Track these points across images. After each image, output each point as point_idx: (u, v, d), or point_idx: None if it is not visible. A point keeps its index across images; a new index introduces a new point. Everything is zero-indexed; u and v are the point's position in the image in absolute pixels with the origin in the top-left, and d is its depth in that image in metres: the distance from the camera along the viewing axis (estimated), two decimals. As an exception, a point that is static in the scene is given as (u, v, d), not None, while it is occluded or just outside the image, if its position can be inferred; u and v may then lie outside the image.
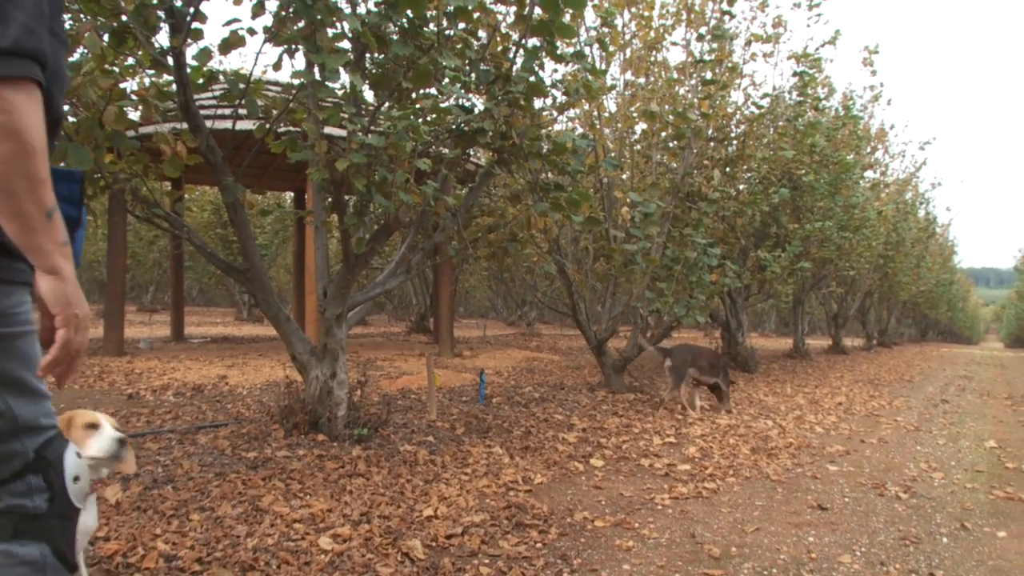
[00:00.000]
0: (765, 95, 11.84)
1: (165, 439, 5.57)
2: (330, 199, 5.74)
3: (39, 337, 1.64)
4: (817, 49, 12.61)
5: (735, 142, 11.72)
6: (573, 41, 7.33)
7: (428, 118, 5.31)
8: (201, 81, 4.92)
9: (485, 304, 36.77)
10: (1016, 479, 5.67)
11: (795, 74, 12.29)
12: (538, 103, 6.17)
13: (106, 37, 4.53)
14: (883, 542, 4.03)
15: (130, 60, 4.94)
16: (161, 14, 4.52)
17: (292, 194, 18.69)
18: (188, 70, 4.72)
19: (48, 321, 1.58)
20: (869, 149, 20.08)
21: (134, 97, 4.90)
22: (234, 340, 15.26)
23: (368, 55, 5.18)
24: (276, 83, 7.98)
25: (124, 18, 4.44)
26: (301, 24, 4.54)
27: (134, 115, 5.07)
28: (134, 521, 3.69)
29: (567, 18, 5.80)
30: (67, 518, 1.71)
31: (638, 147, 10.11)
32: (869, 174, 20.26)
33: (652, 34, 9.98)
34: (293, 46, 4.74)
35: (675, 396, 8.26)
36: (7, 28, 1.40)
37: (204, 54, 4.83)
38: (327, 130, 5.28)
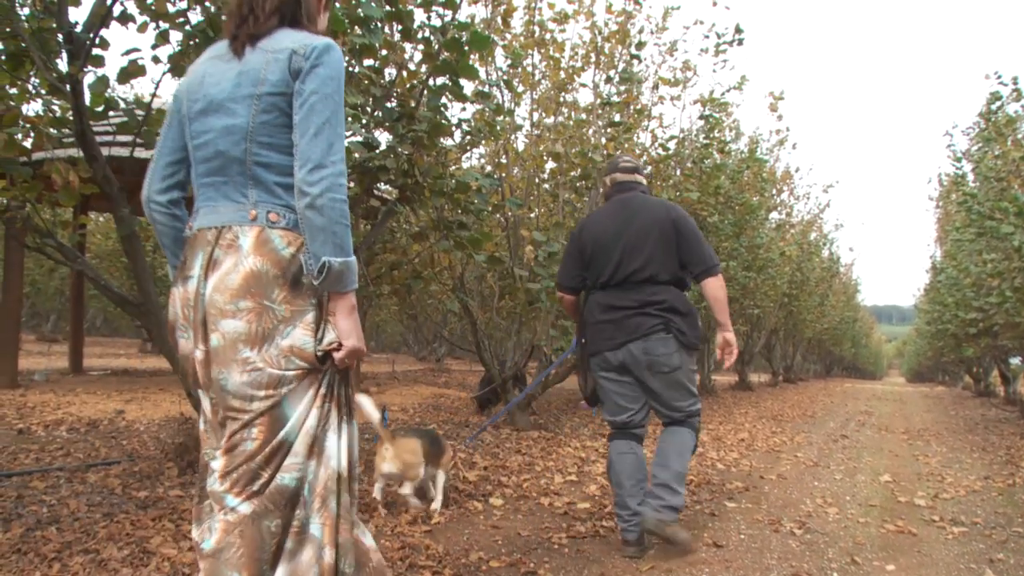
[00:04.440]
0: (672, 137, 12.07)
1: (53, 477, 5.35)
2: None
3: None
4: (723, 94, 12.91)
5: (642, 182, 11.88)
6: (484, 80, 7.38)
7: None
8: (100, 109, 4.81)
9: (397, 339, 36.44)
10: (907, 512, 5.82)
11: (701, 117, 12.57)
12: (448, 141, 6.19)
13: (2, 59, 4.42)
14: (775, 579, 4.09)
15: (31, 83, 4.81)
16: (61, 39, 4.42)
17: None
18: (87, 98, 4.61)
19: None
20: (775, 191, 20.65)
21: (26, 124, 4.75)
22: (135, 373, 14.73)
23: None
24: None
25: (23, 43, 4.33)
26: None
27: (28, 142, 4.91)
28: (12, 564, 3.50)
29: (474, 58, 5.84)
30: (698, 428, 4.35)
31: (546, 186, 10.20)
32: (774, 215, 20.82)
33: (562, 74, 10.14)
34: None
35: None
36: (713, 257, 4.05)
37: (101, 83, 4.72)
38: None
